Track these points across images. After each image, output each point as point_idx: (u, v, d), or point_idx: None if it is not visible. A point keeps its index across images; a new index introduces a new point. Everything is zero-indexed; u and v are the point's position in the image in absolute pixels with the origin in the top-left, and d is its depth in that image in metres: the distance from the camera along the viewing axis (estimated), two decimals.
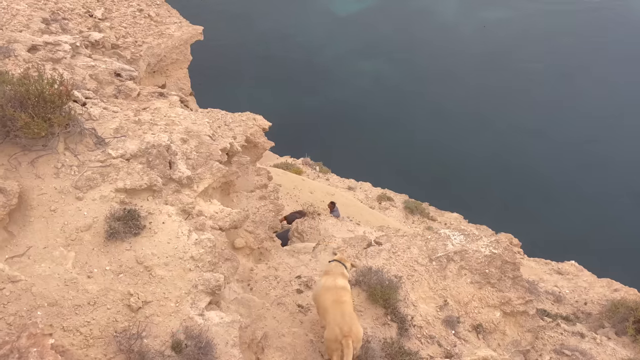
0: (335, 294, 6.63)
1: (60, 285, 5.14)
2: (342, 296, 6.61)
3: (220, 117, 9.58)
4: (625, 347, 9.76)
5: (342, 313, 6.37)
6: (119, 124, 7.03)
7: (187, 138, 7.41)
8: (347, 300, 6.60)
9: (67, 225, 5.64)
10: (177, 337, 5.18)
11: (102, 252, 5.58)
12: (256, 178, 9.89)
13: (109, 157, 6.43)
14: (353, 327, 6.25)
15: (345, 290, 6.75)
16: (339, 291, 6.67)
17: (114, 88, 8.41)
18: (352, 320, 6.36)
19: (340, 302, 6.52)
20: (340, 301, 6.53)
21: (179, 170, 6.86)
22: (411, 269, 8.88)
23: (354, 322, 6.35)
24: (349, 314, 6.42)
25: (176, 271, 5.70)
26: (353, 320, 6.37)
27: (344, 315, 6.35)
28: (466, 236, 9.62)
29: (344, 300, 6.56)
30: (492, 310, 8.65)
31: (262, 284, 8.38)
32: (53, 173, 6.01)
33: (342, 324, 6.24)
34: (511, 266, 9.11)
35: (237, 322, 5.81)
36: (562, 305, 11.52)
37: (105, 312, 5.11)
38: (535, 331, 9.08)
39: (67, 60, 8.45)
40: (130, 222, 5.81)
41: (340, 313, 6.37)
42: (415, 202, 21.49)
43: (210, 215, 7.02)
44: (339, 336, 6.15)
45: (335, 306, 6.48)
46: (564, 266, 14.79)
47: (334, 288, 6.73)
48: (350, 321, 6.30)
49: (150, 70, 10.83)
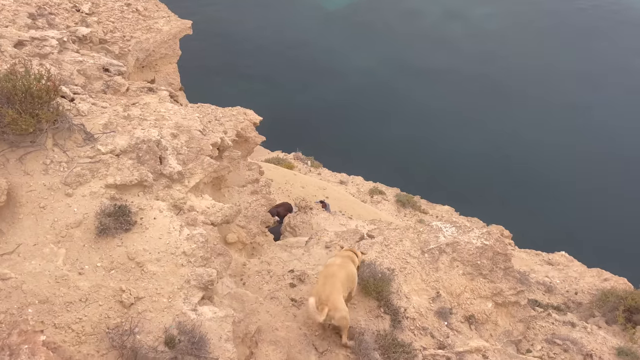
0: (329, 270, 7.00)
1: (51, 283, 5.09)
2: (334, 272, 6.93)
3: (211, 112, 9.53)
4: (616, 336, 9.89)
5: (324, 283, 6.70)
6: (108, 119, 6.96)
7: (178, 133, 7.36)
8: (337, 275, 6.89)
9: (57, 221, 5.59)
10: (170, 332, 5.15)
11: (93, 248, 5.54)
12: (247, 173, 9.86)
13: (99, 152, 6.37)
14: (331, 296, 6.57)
15: (340, 268, 7.05)
16: (333, 267, 7.03)
17: (103, 83, 8.33)
18: (332, 290, 6.64)
19: (331, 276, 6.85)
20: (330, 274, 6.87)
21: (170, 165, 6.82)
22: (403, 261, 8.91)
23: (333, 292, 6.63)
24: (331, 284, 6.70)
25: (168, 267, 5.67)
26: (332, 290, 6.64)
27: (325, 284, 6.67)
28: (458, 228, 9.67)
29: (334, 274, 6.88)
30: (484, 301, 8.71)
31: (255, 279, 8.37)
32: (42, 169, 5.94)
33: (321, 292, 6.60)
34: (502, 257, 9.17)
35: (230, 316, 5.79)
36: (553, 295, 11.64)
37: (97, 308, 5.07)
38: (526, 321, 9.16)
39: (55, 55, 8.35)
40: (121, 218, 5.77)
41: (323, 283, 6.71)
42: (407, 196, 21.53)
43: (201, 210, 6.99)
44: (316, 303, 6.50)
45: (324, 279, 6.82)
46: (555, 257, 14.93)
47: (331, 265, 7.10)
48: (329, 290, 6.61)
49: (139, 66, 10.73)
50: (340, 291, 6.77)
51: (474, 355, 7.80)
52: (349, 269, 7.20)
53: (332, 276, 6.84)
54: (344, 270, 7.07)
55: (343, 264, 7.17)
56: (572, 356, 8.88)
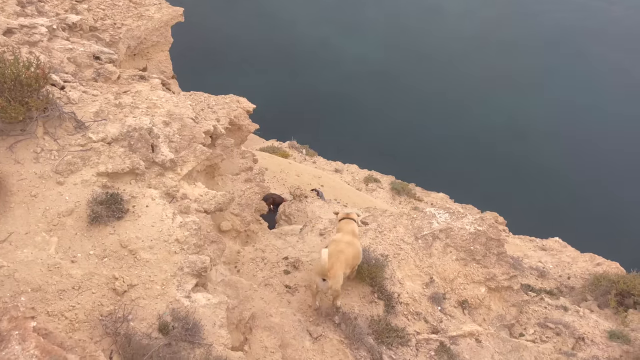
0: (338, 245, 7.31)
1: (43, 271, 5.09)
2: (343, 248, 7.26)
3: (203, 100, 9.47)
4: (608, 319, 9.99)
5: (331, 254, 6.93)
6: (99, 107, 6.92)
7: (170, 121, 7.33)
8: (345, 252, 7.23)
9: (48, 210, 5.58)
10: (164, 319, 5.17)
11: (86, 236, 5.53)
12: (241, 161, 9.84)
13: (90, 141, 6.34)
14: (334, 267, 6.89)
15: (349, 245, 7.36)
16: (341, 244, 7.34)
17: (93, 71, 8.26)
18: (336, 261, 6.94)
19: (339, 251, 7.17)
20: (339, 250, 7.20)
21: (162, 153, 6.80)
22: (397, 247, 8.95)
23: (337, 264, 6.94)
24: (336, 257, 7.00)
25: (161, 254, 5.68)
26: (337, 263, 6.95)
27: (331, 256, 6.90)
28: (451, 214, 9.70)
29: (342, 250, 7.22)
30: (477, 286, 8.77)
31: (250, 266, 8.41)
32: (32, 158, 5.92)
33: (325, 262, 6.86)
34: (496, 243, 9.22)
35: (224, 303, 5.82)
36: (546, 280, 11.72)
37: (90, 296, 5.08)
38: (519, 305, 9.24)
39: (44, 43, 8.27)
40: (113, 206, 5.76)
41: (330, 254, 6.92)
42: (402, 183, 21.56)
43: (194, 198, 6.98)
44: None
45: (333, 251, 7.06)
46: (548, 242, 15.02)
47: (339, 240, 7.41)
48: (333, 261, 6.90)
49: (131, 53, 10.64)
50: (343, 266, 7.11)
51: (467, 340, 7.88)
52: (356, 247, 7.52)
53: (340, 252, 7.15)
54: (351, 249, 7.39)
55: (351, 242, 7.47)
56: (565, 339, 8.97)
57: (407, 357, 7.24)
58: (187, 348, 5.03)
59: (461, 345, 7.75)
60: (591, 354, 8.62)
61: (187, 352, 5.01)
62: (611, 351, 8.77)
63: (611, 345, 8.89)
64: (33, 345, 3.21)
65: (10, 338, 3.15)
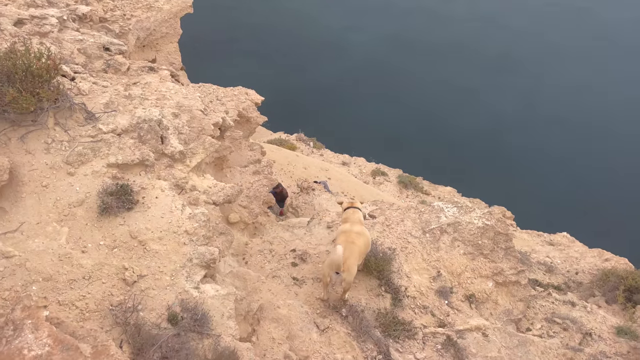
0: (349, 236, 7.30)
1: (54, 260, 5.14)
2: (354, 239, 7.25)
3: (212, 92, 9.48)
4: (615, 315, 9.95)
5: (344, 248, 6.91)
6: (109, 98, 6.94)
7: (179, 113, 7.34)
8: (357, 243, 7.23)
9: (59, 200, 5.62)
10: (173, 309, 5.22)
11: (96, 227, 5.58)
12: (249, 153, 9.86)
13: (100, 132, 6.38)
14: (348, 261, 6.88)
15: (359, 235, 7.37)
16: (352, 234, 7.33)
17: (103, 62, 8.28)
18: (350, 255, 6.95)
19: (351, 243, 7.16)
20: (350, 241, 7.17)
21: (171, 145, 6.82)
22: (405, 241, 8.94)
23: (351, 258, 6.94)
24: (350, 250, 7.00)
25: (170, 245, 5.72)
26: (351, 256, 6.95)
27: (345, 249, 6.89)
28: (459, 208, 9.67)
29: (353, 241, 7.20)
30: (485, 280, 8.76)
31: (257, 258, 8.44)
32: (43, 148, 5.96)
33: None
34: (504, 237, 9.19)
35: (232, 294, 5.86)
36: (554, 275, 11.68)
37: (100, 286, 5.13)
38: (527, 300, 9.22)
39: (55, 34, 8.29)
40: (123, 197, 5.80)
41: (343, 248, 6.91)
42: (409, 177, 21.50)
43: (203, 190, 7.02)
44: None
45: (344, 243, 7.07)
46: (556, 237, 14.95)
47: (349, 231, 7.39)
48: (348, 254, 6.90)
49: (140, 45, 10.65)
50: (356, 258, 7.16)
51: (474, 334, 7.88)
52: (366, 236, 7.54)
53: (352, 243, 7.18)
54: (362, 239, 7.41)
55: (361, 231, 7.49)
56: (572, 335, 8.95)
57: (414, 350, 7.26)
58: (196, 338, 5.08)
59: (468, 339, 7.76)
60: (598, 350, 8.60)
61: (196, 342, 5.05)
62: (618, 347, 8.75)
63: (619, 341, 8.87)
64: (46, 334, 3.25)
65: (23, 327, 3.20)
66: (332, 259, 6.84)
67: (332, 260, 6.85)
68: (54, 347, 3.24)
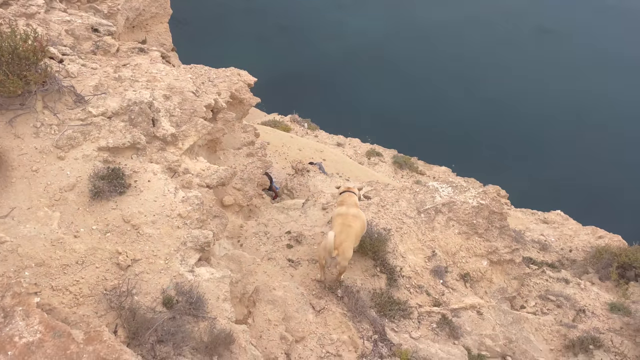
0: (346, 218, 7.28)
1: (46, 246, 5.10)
2: (351, 222, 7.23)
3: (204, 73, 9.33)
4: (609, 292, 10.05)
5: (341, 231, 6.96)
6: (99, 81, 6.82)
7: (170, 95, 7.24)
8: (353, 226, 7.21)
9: (50, 185, 5.56)
10: (168, 293, 5.20)
11: (88, 211, 5.53)
12: (243, 135, 9.77)
13: (90, 115, 6.28)
14: (344, 244, 6.91)
15: (355, 218, 7.33)
16: (349, 217, 7.30)
17: (92, 44, 8.12)
18: (346, 238, 6.96)
19: (347, 225, 7.16)
20: (347, 224, 7.18)
21: (163, 127, 6.74)
22: (400, 221, 8.95)
23: (347, 240, 6.95)
24: (346, 233, 7.01)
25: (164, 229, 5.68)
26: (347, 239, 6.96)
27: (341, 232, 6.94)
28: (454, 188, 9.67)
29: (350, 224, 7.19)
30: (479, 259, 8.80)
31: (252, 240, 8.43)
32: (32, 132, 5.87)
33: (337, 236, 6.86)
34: (498, 216, 9.21)
35: (227, 277, 5.84)
36: (548, 253, 11.76)
37: (94, 270, 5.10)
38: (521, 278, 9.29)
39: (41, 15, 8.11)
40: (114, 181, 5.74)
41: (340, 231, 6.96)
42: (404, 157, 21.45)
43: (196, 172, 6.95)
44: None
45: (340, 227, 7.08)
46: (550, 215, 15.03)
47: (345, 214, 7.35)
48: (344, 237, 6.91)
49: (129, 25, 10.46)
50: (352, 241, 7.16)
51: (468, 312, 7.94)
52: (362, 219, 7.51)
53: (348, 226, 7.16)
54: (359, 222, 7.38)
55: (358, 214, 7.46)
56: (565, 311, 9.04)
57: (409, 329, 7.31)
58: (191, 321, 5.07)
59: (463, 317, 7.82)
60: (592, 326, 8.70)
61: (192, 325, 5.05)
62: (612, 323, 8.85)
63: (612, 317, 8.97)
64: (37, 320, 3.22)
65: (14, 314, 3.17)
66: (324, 244, 6.86)
67: (325, 246, 6.87)
68: (46, 333, 3.21)
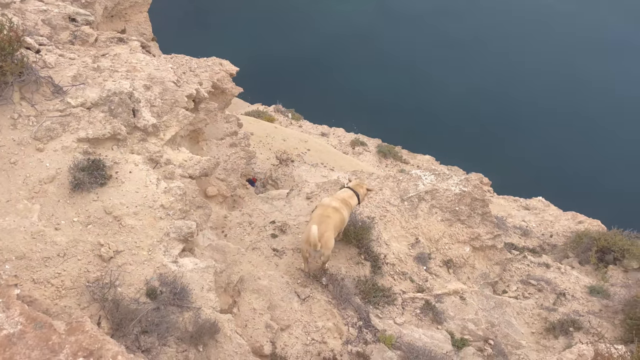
0: (325, 210, 7.25)
1: (27, 239, 5.04)
2: (329, 213, 7.20)
3: (185, 63, 9.26)
4: (588, 275, 10.27)
5: (321, 222, 6.93)
6: (77, 71, 6.72)
7: (151, 85, 7.16)
8: (332, 218, 7.17)
9: (29, 177, 5.48)
10: (152, 284, 5.19)
11: (68, 203, 5.47)
12: (225, 125, 9.72)
13: (69, 106, 6.19)
14: (325, 234, 6.88)
15: (335, 211, 7.28)
16: (328, 209, 7.27)
17: (70, 34, 7.98)
18: (327, 229, 6.93)
19: (326, 216, 7.13)
20: (325, 215, 7.15)
21: (144, 118, 6.67)
22: (383, 209, 9.02)
23: (327, 231, 6.92)
24: (326, 224, 6.98)
25: (147, 220, 5.65)
26: (327, 230, 6.93)
27: (321, 223, 6.90)
28: (437, 176, 9.76)
29: (329, 215, 7.16)
30: (462, 245, 8.92)
31: (237, 230, 8.42)
32: (10, 124, 5.77)
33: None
34: (480, 203, 9.33)
35: (211, 267, 5.84)
36: (529, 239, 11.96)
37: (76, 263, 5.06)
38: (503, 264, 9.44)
39: (17, 4, 7.93)
40: (95, 172, 5.68)
41: (319, 222, 6.92)
42: (388, 146, 21.53)
43: (179, 163, 6.90)
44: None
45: (319, 217, 7.07)
46: (532, 202, 15.26)
47: (326, 206, 7.34)
48: (324, 228, 6.88)
49: (108, 15, 10.29)
50: (332, 231, 7.14)
51: (452, 297, 8.06)
52: (343, 214, 7.47)
53: (327, 217, 7.14)
54: (338, 215, 7.35)
55: (339, 208, 7.43)
56: (546, 295, 9.23)
57: (393, 315, 7.40)
58: (176, 312, 5.08)
59: (446, 302, 7.94)
60: (572, 309, 8.89)
61: (176, 315, 5.05)
62: (591, 306, 9.06)
63: (591, 300, 9.18)
64: (17, 312, 3.20)
65: None
66: (307, 238, 6.86)
67: (307, 239, 6.87)
68: (27, 325, 3.19)
